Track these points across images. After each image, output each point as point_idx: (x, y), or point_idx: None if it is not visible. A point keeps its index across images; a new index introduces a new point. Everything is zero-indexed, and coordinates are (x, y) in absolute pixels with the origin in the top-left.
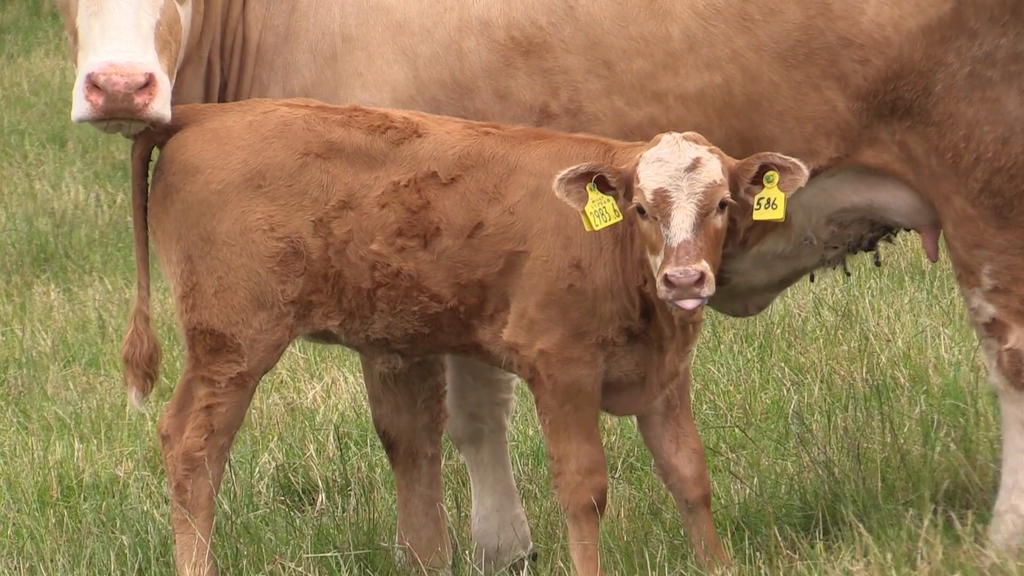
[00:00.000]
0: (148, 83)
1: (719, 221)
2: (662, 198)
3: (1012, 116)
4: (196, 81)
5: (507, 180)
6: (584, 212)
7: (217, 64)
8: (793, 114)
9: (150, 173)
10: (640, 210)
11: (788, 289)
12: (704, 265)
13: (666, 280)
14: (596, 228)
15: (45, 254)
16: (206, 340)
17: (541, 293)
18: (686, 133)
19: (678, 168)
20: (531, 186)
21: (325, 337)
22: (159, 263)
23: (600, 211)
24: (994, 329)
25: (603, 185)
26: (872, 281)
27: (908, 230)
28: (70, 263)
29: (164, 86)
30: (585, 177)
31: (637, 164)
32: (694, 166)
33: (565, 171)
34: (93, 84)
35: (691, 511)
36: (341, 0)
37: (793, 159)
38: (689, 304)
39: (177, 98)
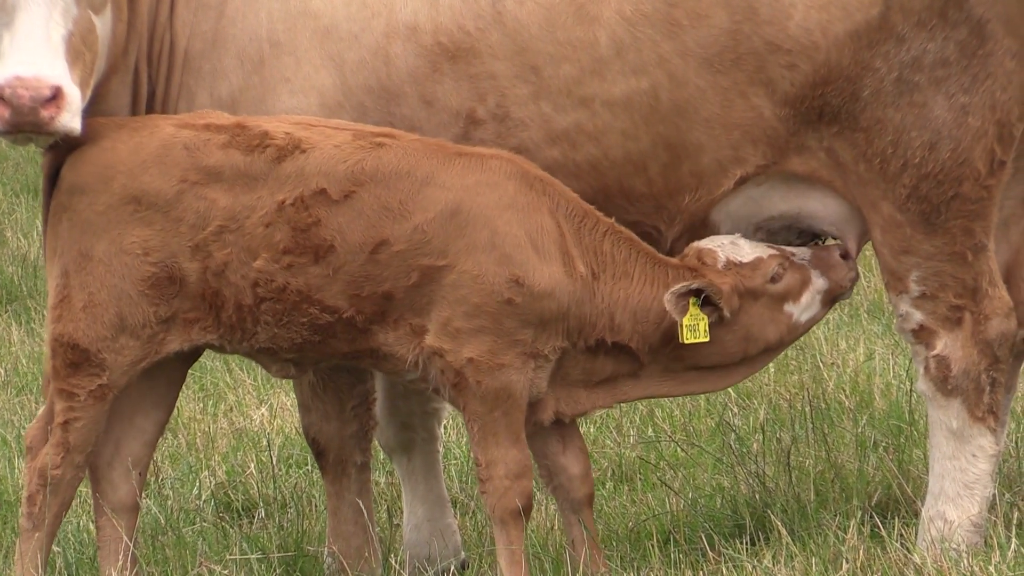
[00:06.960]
0: (55, 96)
1: None
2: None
3: (939, 121)
4: (123, 90)
5: (416, 196)
6: (681, 323)
7: (145, 72)
8: (720, 121)
9: None
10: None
11: None
12: None
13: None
14: (686, 341)
15: (10, 295)
16: (67, 353)
17: (470, 305)
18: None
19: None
20: (449, 201)
21: (208, 347)
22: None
23: (693, 327)
24: (921, 336)
25: (706, 302)
26: (830, 316)
27: (836, 238)
28: (34, 303)
29: (73, 99)
30: (694, 293)
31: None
32: None
33: (679, 287)
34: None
35: (576, 510)
36: (269, 5)
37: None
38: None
39: (105, 107)
